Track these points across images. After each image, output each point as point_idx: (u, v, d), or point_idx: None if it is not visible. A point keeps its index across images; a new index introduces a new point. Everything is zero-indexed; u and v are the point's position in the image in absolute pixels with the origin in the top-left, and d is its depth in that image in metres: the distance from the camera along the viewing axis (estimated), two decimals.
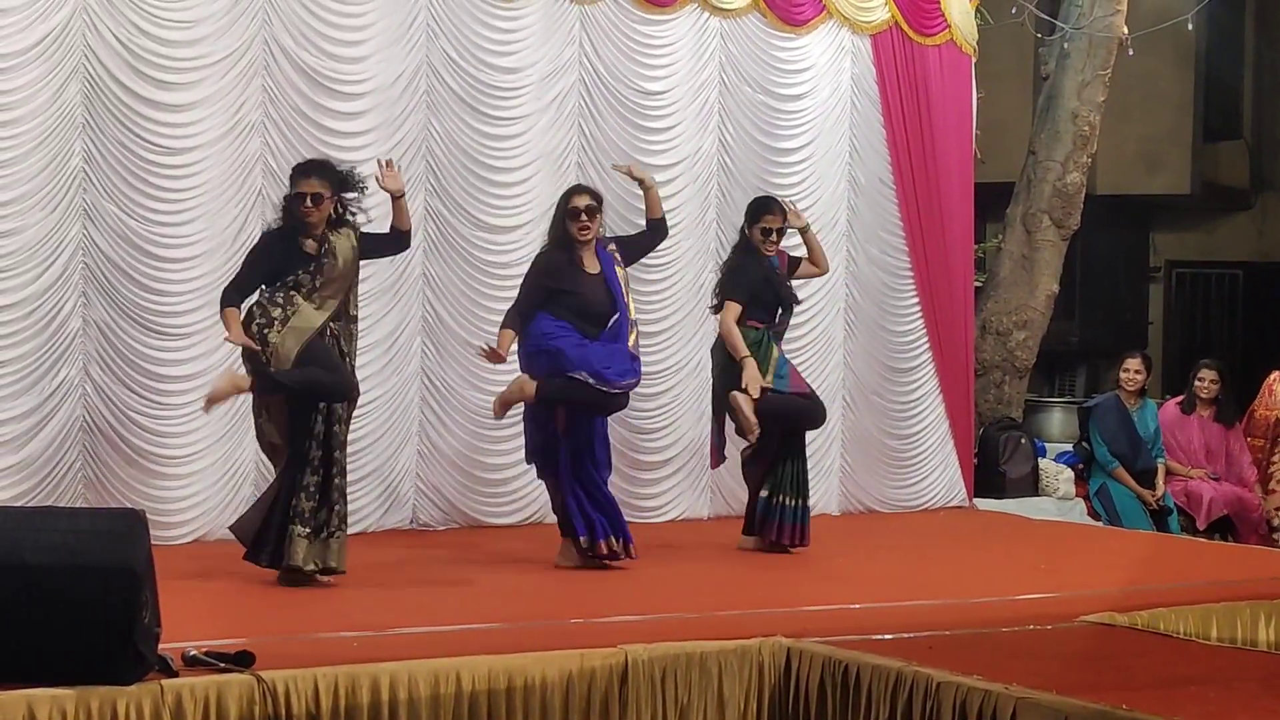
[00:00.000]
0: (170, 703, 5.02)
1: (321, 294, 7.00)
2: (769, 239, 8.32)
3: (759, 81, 10.08)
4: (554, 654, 5.76)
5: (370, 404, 8.78)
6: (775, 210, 8.41)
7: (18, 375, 7.85)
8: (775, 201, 8.58)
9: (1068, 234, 12.38)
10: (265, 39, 8.45)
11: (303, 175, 7.08)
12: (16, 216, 7.80)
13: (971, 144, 11.12)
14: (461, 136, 9.04)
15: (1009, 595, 7.40)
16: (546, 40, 9.32)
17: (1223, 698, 5.43)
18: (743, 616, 6.59)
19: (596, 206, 7.79)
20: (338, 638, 5.90)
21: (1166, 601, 7.17)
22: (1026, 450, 11.49)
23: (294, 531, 6.95)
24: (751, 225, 8.39)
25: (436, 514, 9.08)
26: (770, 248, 8.34)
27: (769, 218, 8.36)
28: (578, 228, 7.70)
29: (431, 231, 9.01)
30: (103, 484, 8.06)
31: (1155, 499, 10.74)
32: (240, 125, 8.39)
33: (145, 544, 5.15)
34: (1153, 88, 15.87)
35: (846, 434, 10.56)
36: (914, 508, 10.74)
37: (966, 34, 10.93)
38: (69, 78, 7.92)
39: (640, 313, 9.54)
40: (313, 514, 6.98)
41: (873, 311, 10.64)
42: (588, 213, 7.72)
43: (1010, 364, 12.28)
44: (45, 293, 7.91)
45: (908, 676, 5.63)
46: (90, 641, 4.93)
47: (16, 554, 4.94)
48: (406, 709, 5.40)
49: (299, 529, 6.95)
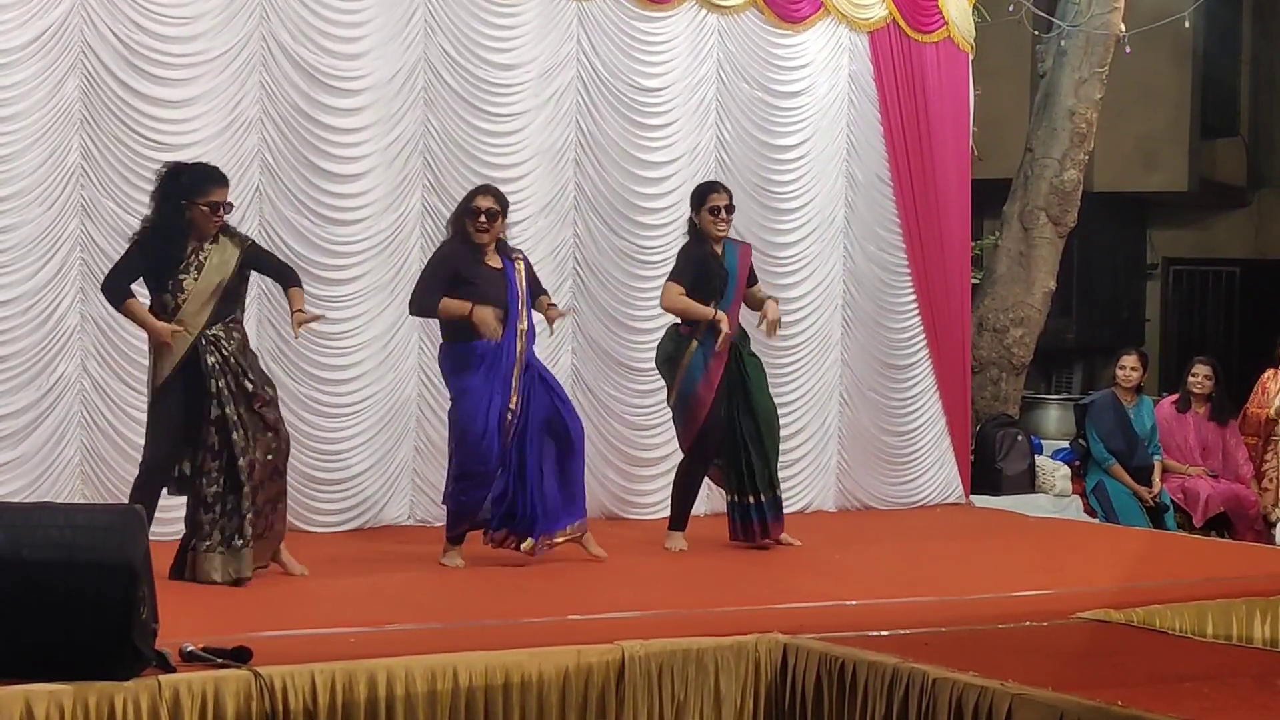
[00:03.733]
0: (168, 698, 5.03)
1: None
2: (718, 217, 8.29)
3: (757, 78, 10.09)
4: (551, 650, 5.77)
5: (367, 400, 8.80)
6: (722, 190, 8.40)
7: (15, 371, 7.85)
8: (716, 182, 8.63)
9: (1065, 231, 12.39)
10: (263, 35, 8.45)
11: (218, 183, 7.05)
12: (14, 212, 7.80)
13: (969, 141, 11.13)
14: (459, 133, 9.05)
15: (1005, 592, 7.41)
16: (544, 37, 9.32)
17: (1218, 694, 5.43)
18: (739, 613, 6.60)
19: (498, 210, 7.74)
20: (335, 633, 5.90)
21: (1162, 598, 7.18)
22: (1023, 447, 11.49)
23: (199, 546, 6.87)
24: (699, 209, 8.34)
25: (434, 509, 9.07)
26: (720, 227, 8.30)
27: (714, 196, 8.34)
28: (475, 228, 7.67)
29: (429, 228, 9.01)
30: (100, 480, 8.06)
31: (1152, 496, 10.75)
32: (238, 121, 8.39)
33: (143, 540, 5.16)
34: (1150, 85, 15.88)
35: (843, 431, 10.57)
36: (910, 504, 10.74)
37: (964, 31, 10.94)
38: (67, 73, 7.92)
39: (634, 310, 9.60)
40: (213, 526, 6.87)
41: (870, 308, 10.64)
42: (488, 215, 7.68)
43: (1007, 361, 12.29)
44: (43, 288, 7.91)
45: (904, 673, 5.64)
46: (88, 637, 4.93)
47: (14, 550, 4.95)
48: (403, 705, 5.41)
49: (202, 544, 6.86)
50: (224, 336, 6.97)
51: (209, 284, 6.95)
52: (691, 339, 8.25)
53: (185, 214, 6.94)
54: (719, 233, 8.32)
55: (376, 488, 8.89)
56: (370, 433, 8.83)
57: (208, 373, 6.89)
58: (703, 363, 8.22)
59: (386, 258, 8.88)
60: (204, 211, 6.94)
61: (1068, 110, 12.16)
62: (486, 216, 7.67)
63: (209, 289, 6.95)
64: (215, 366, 6.91)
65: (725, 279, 8.29)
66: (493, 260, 7.72)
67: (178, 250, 6.94)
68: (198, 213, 6.94)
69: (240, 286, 7.13)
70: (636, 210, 9.67)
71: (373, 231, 8.81)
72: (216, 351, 6.93)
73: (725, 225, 8.33)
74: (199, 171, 7.09)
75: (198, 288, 6.93)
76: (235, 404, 6.92)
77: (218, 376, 6.90)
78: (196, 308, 6.92)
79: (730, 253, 8.38)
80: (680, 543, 8.35)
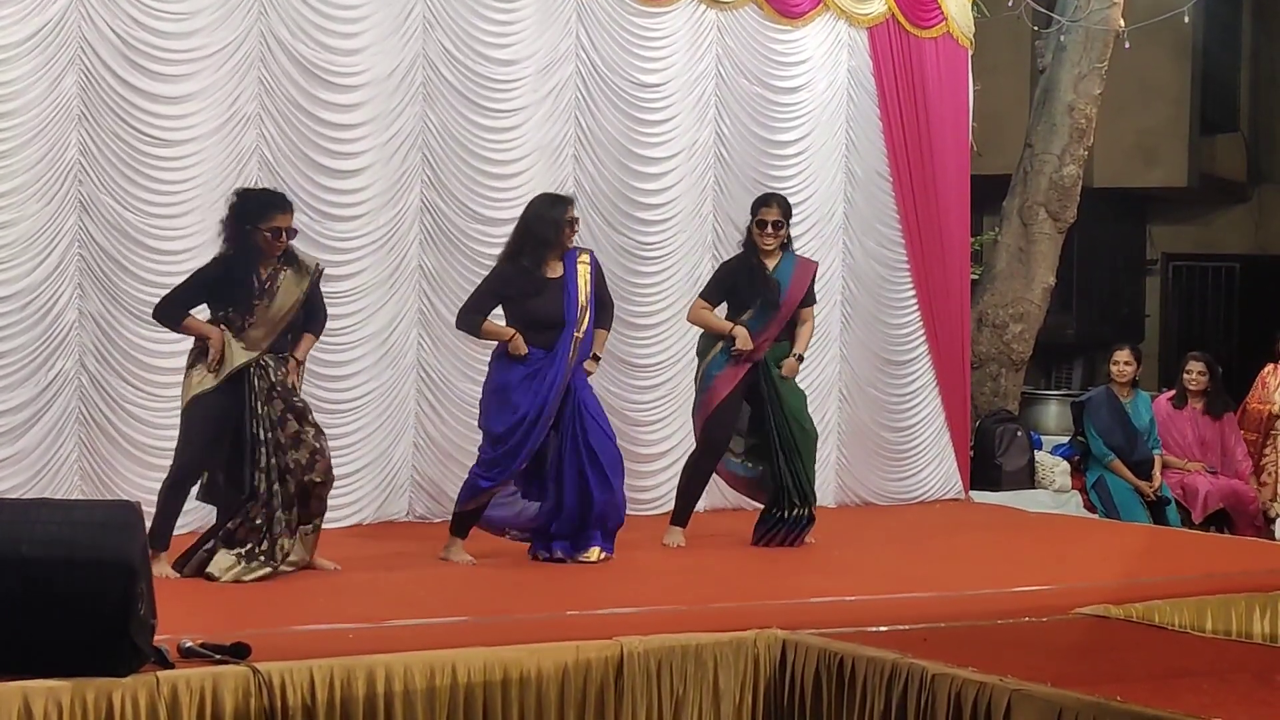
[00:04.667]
0: (166, 694, 5.02)
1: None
2: (764, 231, 8.36)
3: (756, 74, 10.08)
4: (549, 646, 5.76)
5: (366, 397, 8.80)
6: (772, 204, 8.44)
7: (14, 367, 7.84)
8: (775, 197, 8.60)
9: (1064, 227, 12.38)
10: (261, 31, 8.45)
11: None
12: (12, 208, 7.79)
13: (968, 137, 11.13)
14: (458, 129, 9.04)
15: (1004, 587, 7.40)
16: (543, 32, 9.31)
17: (1218, 690, 5.42)
18: (738, 608, 6.60)
19: (577, 218, 7.80)
20: (333, 629, 5.90)
21: (1162, 594, 7.17)
22: (1022, 443, 11.50)
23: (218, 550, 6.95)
24: (752, 219, 8.45)
25: (433, 506, 9.08)
26: (767, 240, 8.36)
27: (764, 210, 8.41)
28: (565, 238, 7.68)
29: (428, 224, 9.01)
30: (98, 476, 8.06)
31: (1153, 490, 10.74)
32: (236, 117, 8.38)
33: (141, 536, 5.16)
34: (1150, 80, 15.88)
35: (842, 426, 10.57)
36: (910, 500, 10.74)
37: (963, 26, 10.93)
38: (65, 70, 7.91)
39: (636, 306, 9.61)
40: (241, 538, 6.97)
41: (869, 304, 10.64)
42: (570, 225, 7.70)
43: (1006, 356, 12.28)
44: (41, 285, 7.91)
45: (903, 668, 5.63)
46: (86, 633, 4.92)
47: (12, 546, 4.94)
48: (402, 701, 5.40)
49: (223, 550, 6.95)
50: (274, 366, 7.07)
51: (280, 309, 7.06)
52: (719, 339, 8.35)
53: (250, 240, 7.02)
54: (765, 246, 8.36)
55: (375, 484, 8.89)
56: (368, 429, 8.82)
57: (254, 394, 6.99)
58: (723, 362, 8.31)
59: (385, 254, 8.87)
60: (267, 237, 7.03)
61: (1067, 106, 12.16)
62: (570, 227, 7.67)
63: (280, 314, 7.06)
64: (263, 390, 7.01)
65: (773, 292, 8.31)
66: (554, 270, 7.70)
67: (244, 275, 7.03)
68: (261, 238, 7.03)
69: (300, 316, 7.20)
70: (635, 206, 9.66)
71: (371, 227, 8.81)
72: (266, 377, 7.03)
73: (772, 240, 8.36)
74: (261, 197, 7.22)
75: (269, 314, 7.03)
76: (276, 429, 7.01)
77: (264, 400, 7.00)
78: (262, 333, 7.03)
79: (786, 267, 8.39)
80: (678, 538, 8.35)
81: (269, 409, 7.01)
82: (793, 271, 8.41)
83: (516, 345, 7.56)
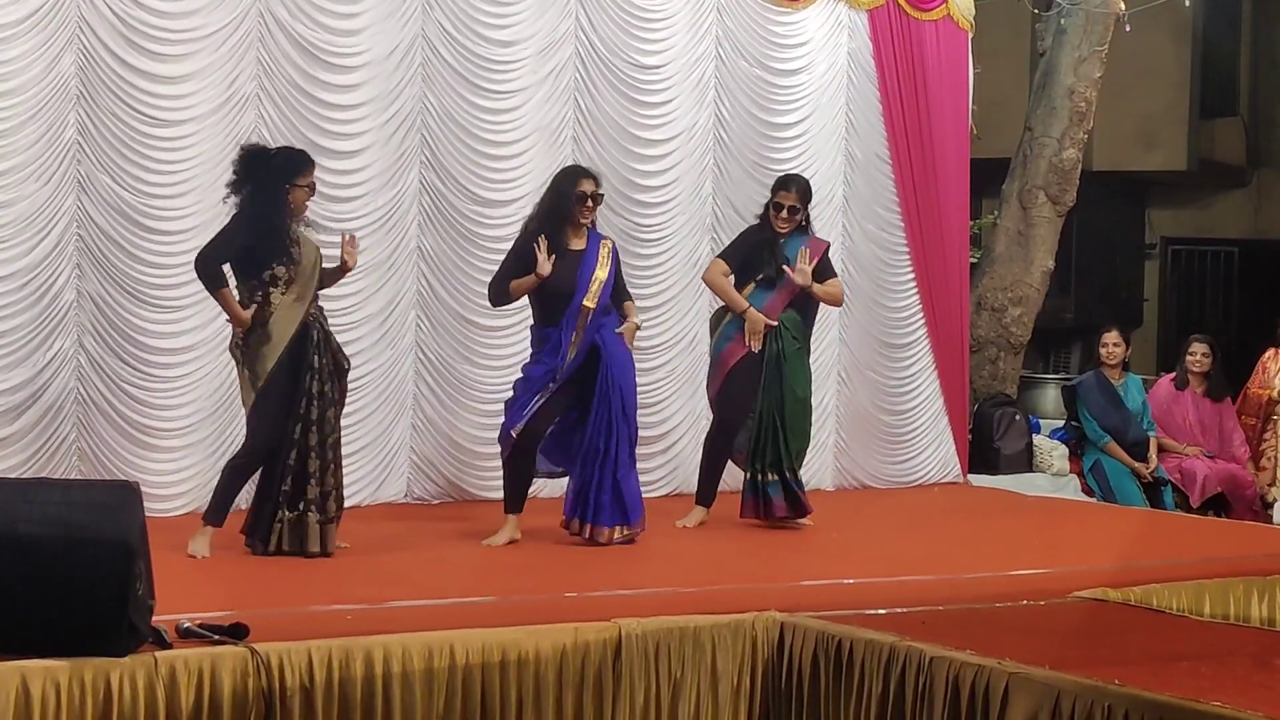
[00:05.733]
0: (164, 675, 5.03)
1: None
2: (779, 214, 8.38)
3: (756, 56, 10.06)
4: (548, 627, 5.78)
5: (364, 378, 8.78)
6: (791, 188, 8.44)
7: (12, 347, 7.84)
8: (795, 180, 8.60)
9: (1064, 210, 12.38)
10: (260, 11, 8.42)
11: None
12: (11, 188, 7.78)
13: (968, 120, 11.10)
14: (457, 110, 9.02)
15: (1002, 571, 7.40)
16: (543, 14, 9.28)
17: (1215, 673, 5.43)
18: (736, 591, 6.60)
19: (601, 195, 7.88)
20: (331, 610, 5.90)
21: (1160, 577, 7.18)
22: (1021, 426, 11.50)
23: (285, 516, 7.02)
24: (771, 198, 8.48)
25: (431, 488, 9.08)
26: (781, 223, 8.38)
27: (783, 193, 8.43)
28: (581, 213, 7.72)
29: (426, 205, 9.00)
30: (96, 456, 8.06)
31: (1149, 471, 10.74)
32: (234, 98, 8.36)
33: (139, 516, 5.16)
34: (1150, 64, 15.85)
35: (841, 410, 10.56)
36: (908, 483, 10.74)
37: (963, 9, 10.91)
38: (63, 49, 7.89)
39: (635, 287, 9.54)
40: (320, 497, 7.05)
41: (868, 287, 10.63)
42: (594, 200, 7.76)
43: (1005, 340, 12.28)
44: (39, 265, 7.90)
45: (901, 651, 5.64)
46: (84, 613, 4.93)
47: (10, 526, 4.94)
48: (400, 682, 5.41)
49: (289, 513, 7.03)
50: (320, 313, 7.18)
51: (309, 262, 7.13)
52: (728, 311, 8.44)
53: (288, 196, 7.06)
54: (779, 229, 8.40)
55: (373, 466, 8.88)
56: (366, 410, 8.81)
57: (311, 348, 7.07)
58: (732, 333, 8.40)
59: (384, 234, 8.85)
60: (305, 191, 7.11)
61: (1067, 89, 12.14)
62: (593, 200, 7.73)
63: (310, 267, 7.12)
64: (319, 343, 7.09)
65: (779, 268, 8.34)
66: (576, 243, 7.71)
67: (285, 230, 7.07)
68: (300, 194, 7.08)
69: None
70: (634, 188, 9.65)
71: (370, 208, 8.79)
72: (320, 327, 7.14)
73: (786, 224, 8.38)
74: (292, 154, 7.27)
75: (302, 268, 7.08)
76: (330, 381, 7.11)
77: (321, 353, 7.09)
78: (304, 286, 7.07)
79: (794, 244, 8.39)
80: (696, 518, 8.39)
81: (323, 362, 7.10)
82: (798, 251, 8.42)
83: (542, 266, 7.54)
